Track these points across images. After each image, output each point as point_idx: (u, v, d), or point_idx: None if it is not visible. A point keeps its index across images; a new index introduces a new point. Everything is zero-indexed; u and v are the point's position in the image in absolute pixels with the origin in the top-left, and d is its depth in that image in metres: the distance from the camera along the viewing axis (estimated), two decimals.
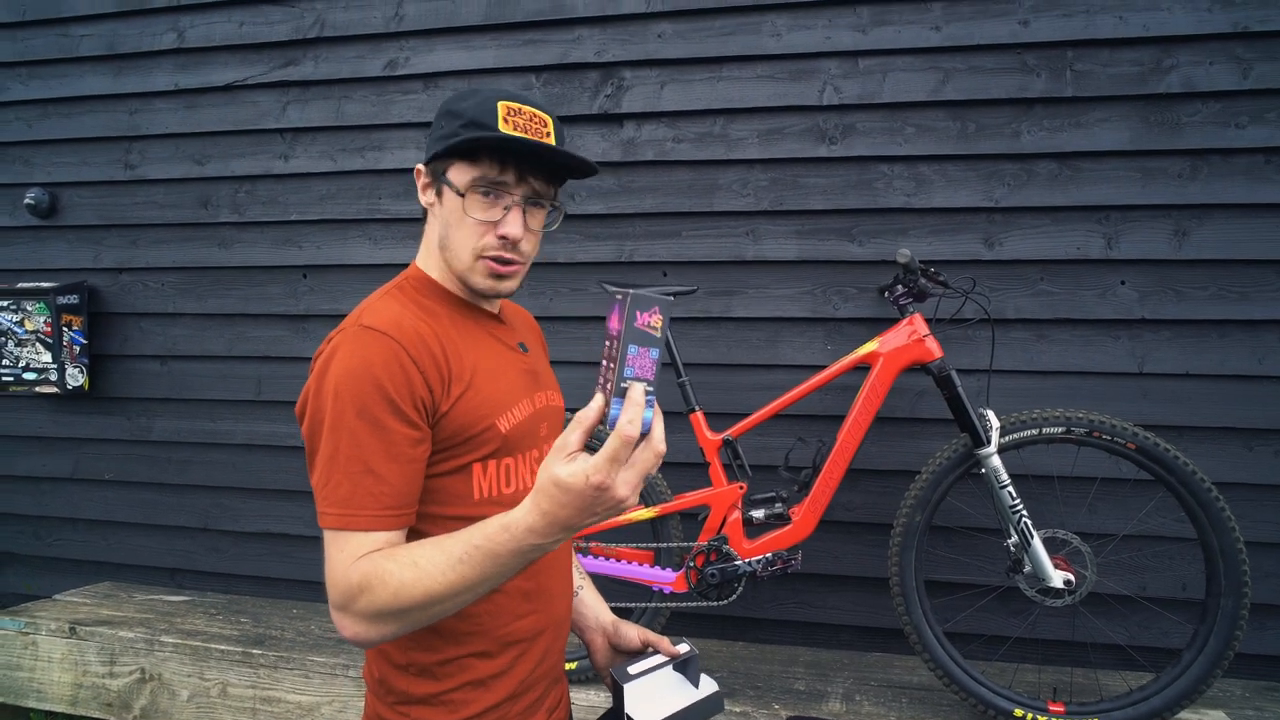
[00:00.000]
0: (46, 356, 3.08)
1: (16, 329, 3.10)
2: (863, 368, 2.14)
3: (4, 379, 3.16)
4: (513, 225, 0.98)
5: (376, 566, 0.86)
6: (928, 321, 2.10)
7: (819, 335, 2.53)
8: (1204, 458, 2.25)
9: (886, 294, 2.16)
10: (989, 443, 1.96)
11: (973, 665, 2.03)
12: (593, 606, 1.22)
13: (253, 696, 2.43)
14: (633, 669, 1.05)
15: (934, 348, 2.05)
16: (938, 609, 2.18)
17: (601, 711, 2.06)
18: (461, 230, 0.99)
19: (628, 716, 1.00)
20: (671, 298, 0.79)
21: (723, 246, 2.59)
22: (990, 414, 1.99)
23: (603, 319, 2.68)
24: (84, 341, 3.11)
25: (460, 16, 2.75)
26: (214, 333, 3.05)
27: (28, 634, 2.66)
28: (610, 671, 1.07)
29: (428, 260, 1.07)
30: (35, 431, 3.27)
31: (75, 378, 3.10)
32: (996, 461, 1.96)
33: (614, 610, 2.15)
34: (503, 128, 0.95)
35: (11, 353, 3.13)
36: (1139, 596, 2.29)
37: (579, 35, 2.66)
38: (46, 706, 2.65)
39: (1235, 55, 2.24)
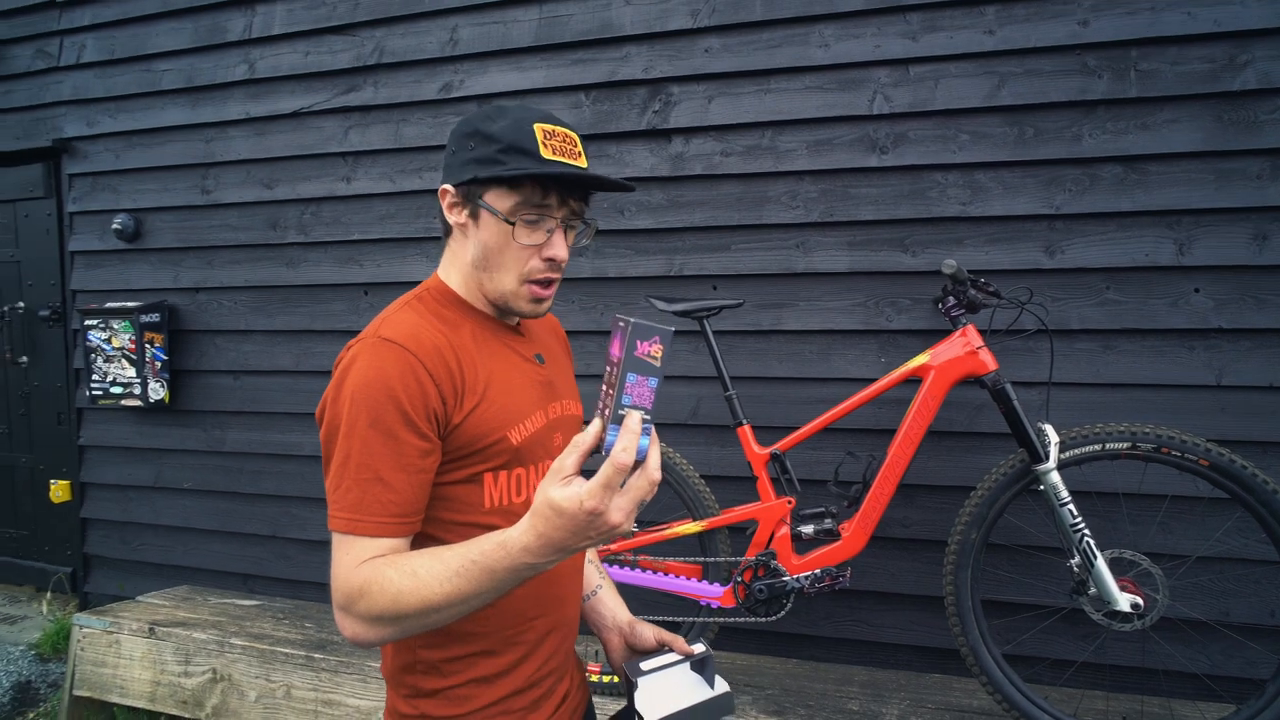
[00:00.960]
0: (131, 372, 3.27)
1: (105, 346, 3.31)
2: (915, 381, 2.09)
3: (94, 393, 3.37)
4: (560, 248, 1.01)
5: (378, 573, 0.88)
6: (982, 333, 2.04)
7: (872, 348, 2.48)
8: None
9: (939, 305, 2.11)
10: (1047, 458, 1.89)
11: (1034, 690, 1.95)
12: (610, 606, 1.22)
13: (315, 699, 2.52)
14: (645, 665, 1.06)
15: (988, 360, 1.99)
16: (999, 630, 2.11)
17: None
18: (507, 254, 1.00)
19: (637, 712, 1.00)
20: (673, 329, 0.79)
21: (773, 259, 2.57)
22: (1049, 428, 1.92)
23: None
24: (165, 357, 3.29)
25: (512, 38, 2.81)
26: (282, 349, 3.19)
27: (112, 633, 2.82)
28: (624, 666, 1.08)
29: (450, 273, 1.08)
30: (121, 442, 3.48)
31: (157, 391, 3.29)
32: (1055, 478, 1.88)
33: (661, 625, 2.17)
34: (544, 153, 0.96)
35: (100, 368, 3.33)
36: (1218, 624, 2.16)
37: (627, 53, 2.69)
38: (128, 702, 2.80)
39: None
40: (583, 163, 1.01)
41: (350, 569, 0.90)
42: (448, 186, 1.03)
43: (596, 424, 0.77)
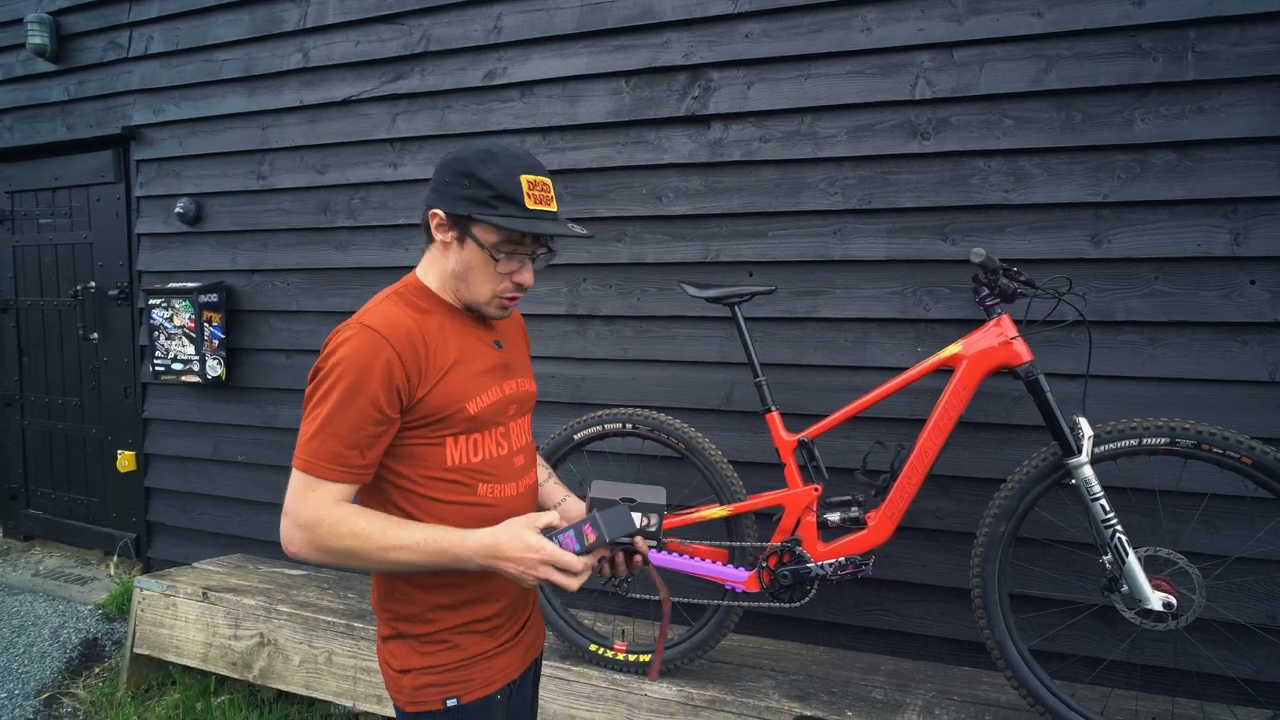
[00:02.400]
0: (190, 349, 3.42)
1: (167, 324, 3.47)
2: (947, 370, 2.06)
3: (157, 369, 3.54)
4: (528, 276, 1.25)
5: (346, 517, 1.13)
6: (1017, 323, 1.99)
7: (909, 337, 2.46)
8: None
9: (975, 295, 2.07)
10: (1080, 452, 1.85)
11: (1062, 686, 1.92)
12: (576, 506, 1.44)
13: (354, 666, 2.62)
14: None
15: (1022, 351, 1.95)
16: (1028, 625, 2.08)
17: (662, 701, 2.09)
18: (484, 275, 1.23)
19: (592, 498, 1.22)
20: (656, 512, 1.19)
21: (809, 246, 2.55)
22: (1083, 422, 1.87)
23: (685, 318, 2.71)
24: (222, 336, 3.44)
25: (554, 26, 2.84)
26: (331, 328, 3.26)
27: (169, 595, 2.98)
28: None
29: (429, 274, 1.28)
30: (181, 416, 3.65)
31: (214, 368, 3.44)
32: (1088, 472, 1.84)
33: (686, 606, 2.21)
34: (528, 203, 1.18)
35: (163, 345, 3.50)
36: (1254, 627, 2.08)
37: (667, 39, 2.70)
38: (183, 661, 2.95)
39: None
40: (554, 207, 1.23)
41: (307, 499, 1.13)
42: (439, 211, 1.22)
43: (555, 515, 1.17)
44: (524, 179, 1.18)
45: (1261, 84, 2.10)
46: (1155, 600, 1.79)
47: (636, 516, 1.19)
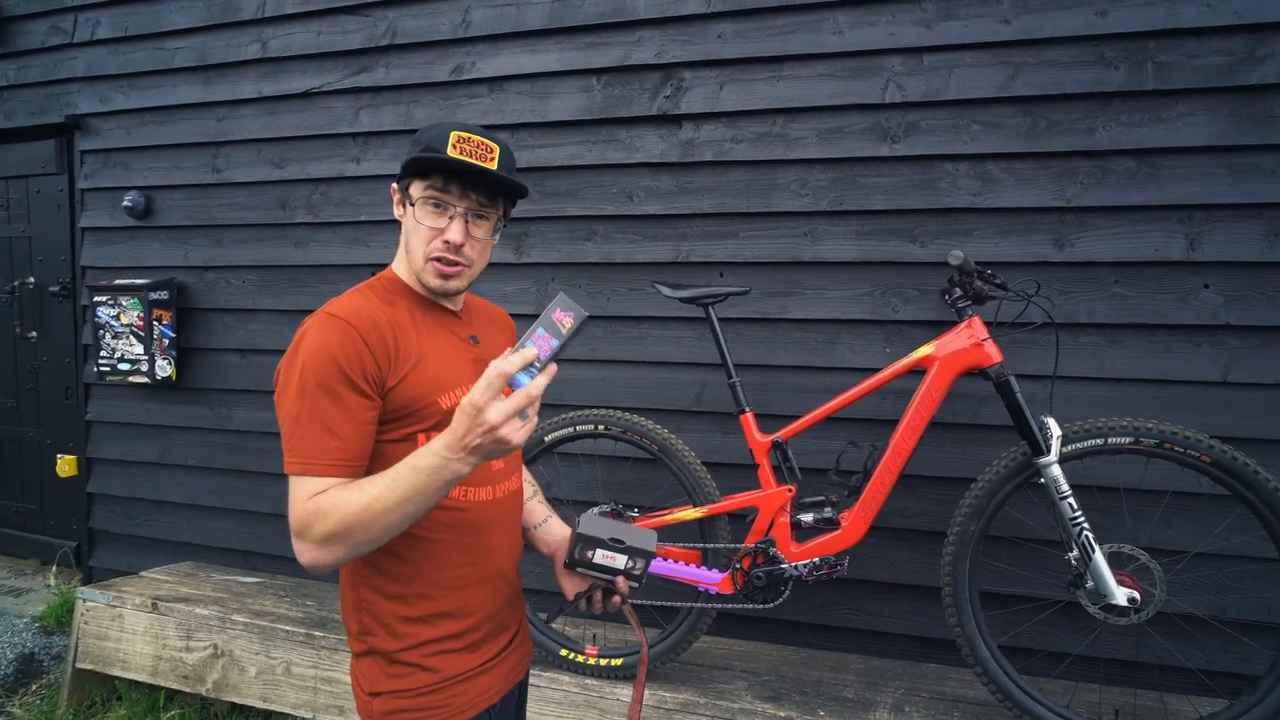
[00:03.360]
0: (139, 349, 3.29)
1: (113, 323, 3.33)
2: (919, 371, 2.09)
3: (102, 369, 3.39)
4: (455, 232, 1.17)
5: (330, 496, 1.04)
6: (988, 325, 2.03)
7: (878, 338, 2.48)
8: None
9: (945, 297, 2.10)
10: (1049, 451, 1.88)
11: (1029, 681, 1.95)
12: (557, 528, 1.37)
13: (314, 676, 2.54)
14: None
15: (993, 352, 1.98)
16: (995, 621, 2.11)
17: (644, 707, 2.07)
18: (416, 235, 1.19)
19: (579, 533, 1.17)
20: (587, 314, 1.01)
21: (780, 247, 2.56)
22: (1051, 422, 1.91)
23: (655, 318, 2.69)
24: (172, 335, 3.31)
25: (525, 21, 2.81)
26: (289, 328, 3.16)
27: (115, 607, 2.85)
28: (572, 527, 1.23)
29: (399, 263, 1.25)
30: (128, 418, 3.50)
31: (164, 369, 3.31)
32: (1056, 471, 1.88)
33: (659, 610, 2.18)
34: (450, 152, 1.13)
35: (109, 344, 3.35)
36: (1214, 619, 2.15)
37: (639, 37, 2.68)
38: (130, 675, 2.83)
39: None
40: (491, 165, 1.16)
41: (304, 501, 1.05)
42: (394, 186, 1.22)
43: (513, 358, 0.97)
44: (454, 133, 1.14)
45: (1216, 95, 2.18)
46: (1120, 595, 1.83)
47: (622, 559, 1.17)
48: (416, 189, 1.17)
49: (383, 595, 1.16)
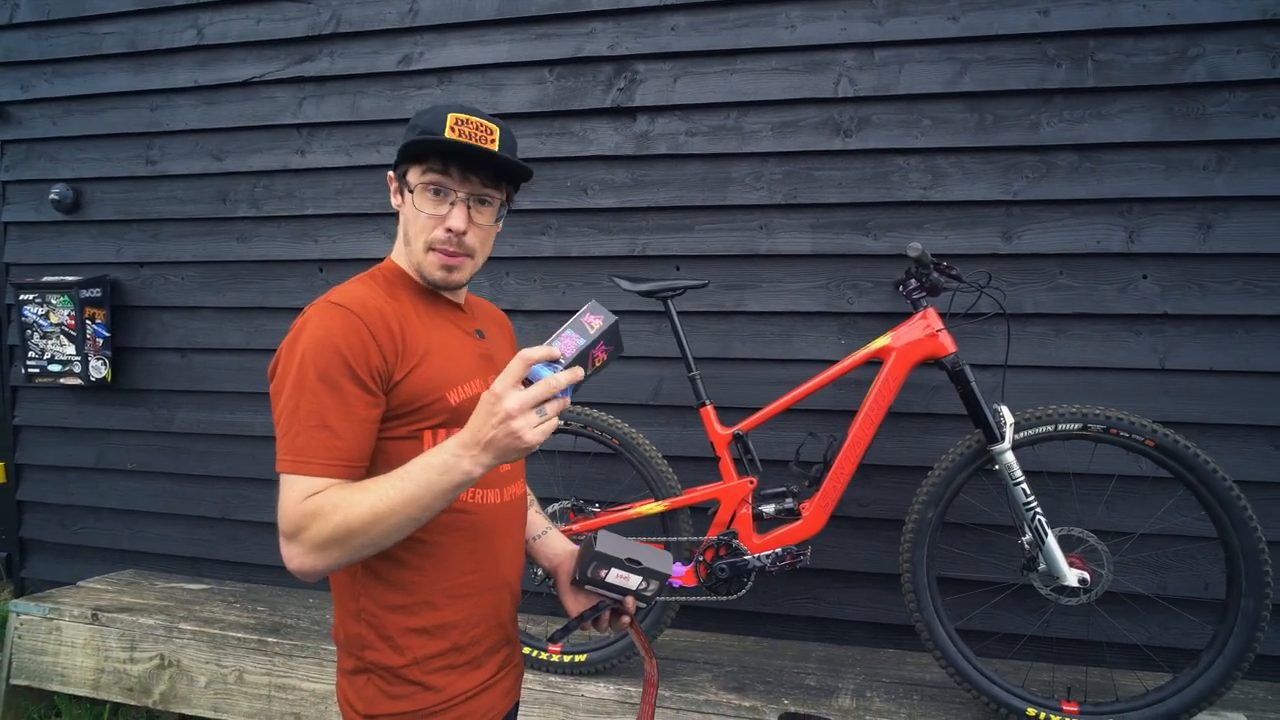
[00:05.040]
0: (70, 349, 3.13)
1: (42, 322, 3.16)
2: (876, 362, 2.12)
3: (30, 370, 3.23)
4: (457, 219, 1.10)
5: (327, 497, 0.97)
6: (942, 316, 2.07)
7: (833, 329, 2.51)
8: (1228, 456, 2.20)
9: (900, 288, 2.14)
10: (1003, 439, 1.93)
11: (985, 663, 2.01)
12: (560, 541, 1.33)
13: (268, 684, 2.47)
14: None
15: (947, 342, 2.03)
16: (951, 606, 2.16)
17: (598, 701, 2.07)
18: (416, 224, 1.12)
19: (597, 552, 1.11)
20: (615, 318, 0.99)
21: (736, 240, 2.57)
22: (1004, 410, 1.96)
23: (615, 311, 2.66)
24: (107, 334, 3.17)
25: (474, 11, 2.75)
26: (232, 326, 3.09)
27: (52, 619, 2.72)
28: (580, 544, 1.19)
29: (399, 254, 1.19)
30: (60, 422, 3.34)
31: (98, 370, 3.16)
32: (1010, 458, 1.93)
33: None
34: (448, 134, 1.08)
35: (37, 345, 3.19)
36: (1158, 596, 2.25)
37: (592, 29, 2.65)
38: (70, 690, 2.70)
39: (1264, 43, 2.18)
40: (492, 147, 1.10)
41: (298, 502, 0.97)
42: (390, 173, 1.16)
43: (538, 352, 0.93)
44: (451, 115, 1.09)
45: (1152, 92, 2.26)
46: (1071, 577, 1.90)
47: (636, 580, 1.13)
48: (414, 175, 1.11)
49: (384, 605, 1.08)
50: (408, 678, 1.08)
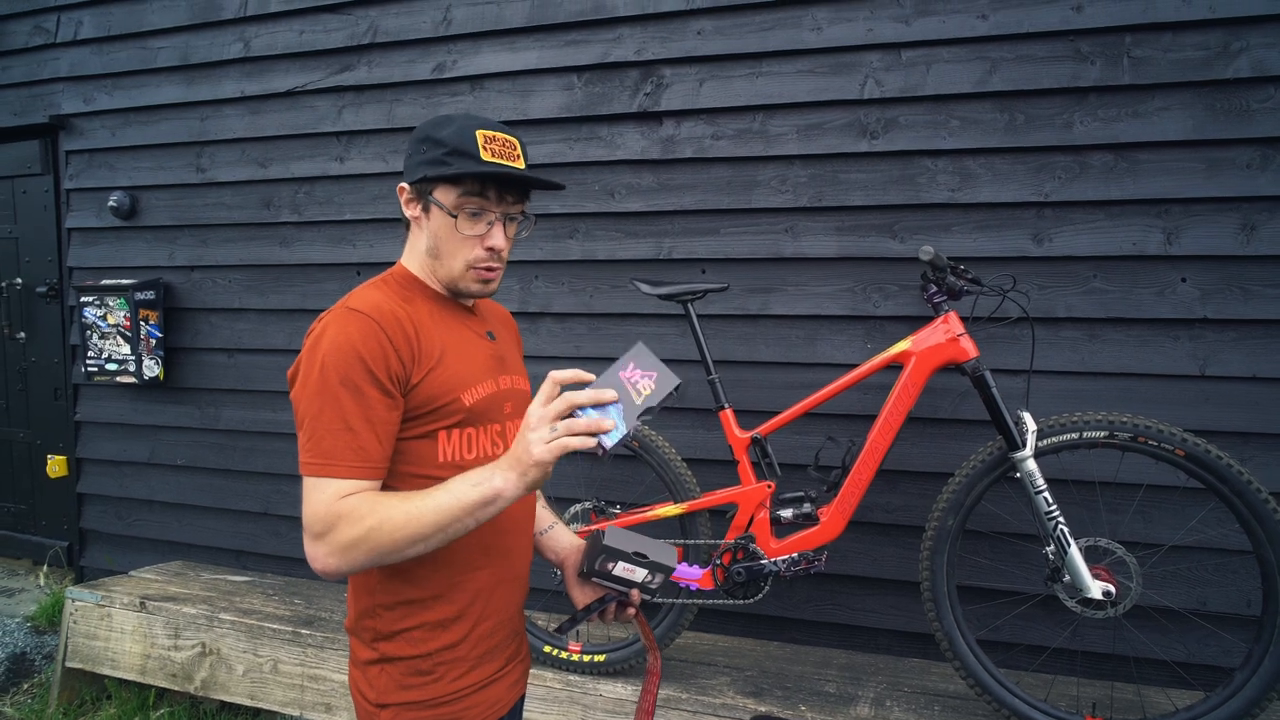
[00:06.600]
0: (126, 349, 3.29)
1: (100, 323, 3.33)
2: (896, 367, 2.09)
3: (89, 369, 3.40)
4: (498, 238, 1.15)
5: (365, 501, 1.01)
6: (964, 320, 2.03)
7: (859, 333, 2.49)
8: (1273, 467, 2.11)
9: (924, 292, 2.11)
10: (1024, 446, 1.89)
11: (1008, 675, 1.96)
12: (567, 535, 1.35)
13: (301, 674, 2.55)
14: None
15: (969, 347, 1.99)
16: (974, 616, 2.12)
17: (617, 701, 2.07)
18: (453, 244, 1.14)
19: (605, 545, 1.12)
20: (678, 381, 1.02)
21: (761, 243, 2.57)
22: (1027, 416, 1.92)
23: (638, 315, 2.69)
24: (159, 335, 3.32)
25: (505, 19, 2.80)
26: (275, 327, 3.20)
27: (104, 606, 2.86)
28: (588, 538, 1.22)
29: (411, 260, 1.21)
30: (117, 418, 3.51)
31: (151, 369, 3.31)
32: (1031, 465, 1.89)
33: (640, 606, 2.16)
34: (484, 155, 1.10)
35: (96, 345, 3.36)
36: (1193, 612, 2.16)
37: (619, 34, 2.68)
38: (119, 674, 2.84)
39: None
40: (520, 164, 1.14)
41: (326, 504, 1.00)
42: (404, 185, 1.17)
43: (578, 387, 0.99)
44: (479, 133, 1.11)
45: (1192, 89, 2.18)
46: (1095, 589, 1.84)
47: (642, 573, 1.15)
48: (445, 195, 1.12)
49: (398, 598, 1.12)
50: (419, 669, 1.12)
